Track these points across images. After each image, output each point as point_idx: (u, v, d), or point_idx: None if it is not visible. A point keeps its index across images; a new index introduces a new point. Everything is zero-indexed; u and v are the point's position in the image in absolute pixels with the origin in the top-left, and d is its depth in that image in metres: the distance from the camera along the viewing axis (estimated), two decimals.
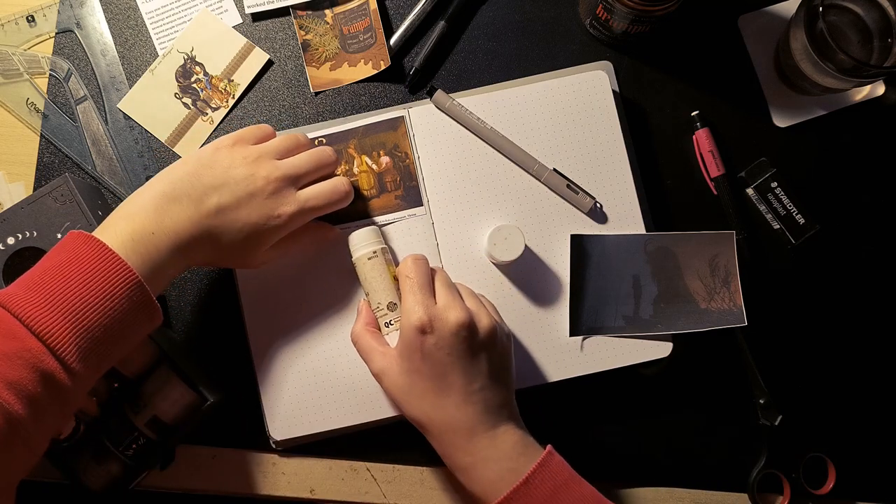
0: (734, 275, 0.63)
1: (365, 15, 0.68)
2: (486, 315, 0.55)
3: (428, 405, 0.53)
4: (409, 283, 0.55)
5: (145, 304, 0.51)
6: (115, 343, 0.50)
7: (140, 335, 0.52)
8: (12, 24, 0.68)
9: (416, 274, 0.56)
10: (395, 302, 0.57)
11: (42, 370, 0.46)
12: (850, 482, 0.65)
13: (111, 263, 0.49)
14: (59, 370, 0.46)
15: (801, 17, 0.61)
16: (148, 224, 0.52)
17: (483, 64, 0.69)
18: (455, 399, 0.53)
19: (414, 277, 0.55)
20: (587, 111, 0.65)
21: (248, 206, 0.55)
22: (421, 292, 0.55)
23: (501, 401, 0.55)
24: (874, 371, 0.66)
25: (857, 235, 0.68)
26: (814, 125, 0.68)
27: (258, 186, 0.55)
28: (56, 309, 0.47)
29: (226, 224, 0.54)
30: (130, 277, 0.49)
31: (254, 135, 0.59)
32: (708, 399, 0.65)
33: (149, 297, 0.50)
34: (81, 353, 0.47)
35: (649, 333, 0.63)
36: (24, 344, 0.46)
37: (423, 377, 0.53)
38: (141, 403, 0.58)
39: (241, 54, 0.68)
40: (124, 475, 0.58)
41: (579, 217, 0.64)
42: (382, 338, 0.58)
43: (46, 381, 0.46)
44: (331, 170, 0.61)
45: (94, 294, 0.48)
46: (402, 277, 0.56)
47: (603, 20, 0.65)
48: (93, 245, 0.49)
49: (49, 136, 0.67)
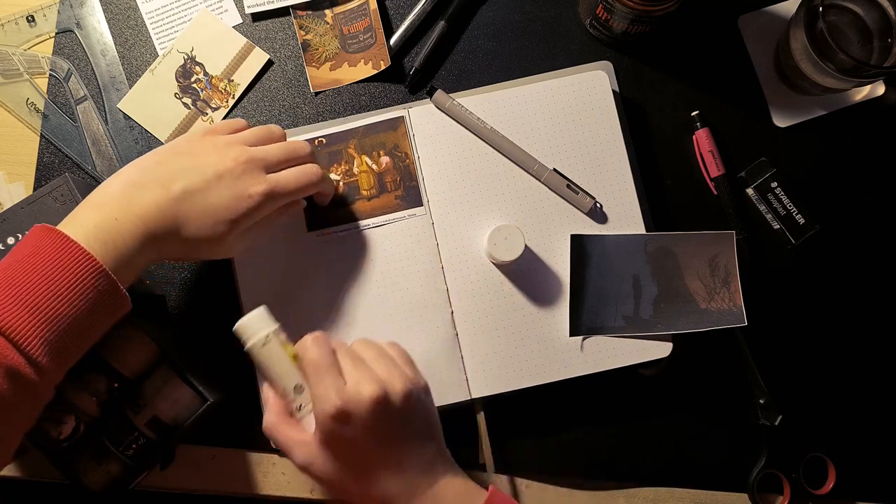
0: (734, 275, 0.63)
1: (365, 15, 0.68)
2: (398, 378, 0.52)
3: (363, 485, 0.52)
4: (313, 368, 0.52)
5: (111, 293, 0.50)
6: (83, 334, 0.49)
7: (108, 324, 0.51)
8: (12, 24, 0.68)
9: (319, 355, 0.52)
10: (301, 384, 0.53)
11: (7, 367, 0.45)
12: (850, 482, 0.65)
13: (73, 253, 0.48)
14: (23, 364, 0.46)
15: (801, 17, 0.61)
16: (113, 211, 0.51)
17: (483, 64, 0.69)
18: (387, 472, 0.51)
19: (318, 359, 0.52)
20: (587, 111, 0.65)
21: (217, 187, 0.54)
22: (328, 375, 0.51)
23: (433, 456, 0.53)
24: (874, 371, 0.66)
25: (857, 235, 0.68)
26: (814, 125, 0.68)
27: (227, 167, 0.54)
28: (18, 303, 0.46)
29: (194, 208, 0.53)
30: (93, 266, 0.48)
31: (228, 127, 0.58)
32: (708, 399, 0.65)
33: (115, 284, 0.50)
34: (47, 346, 0.47)
35: (649, 333, 0.63)
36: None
37: (350, 460, 0.51)
38: (141, 403, 0.58)
39: (241, 54, 0.68)
40: (124, 475, 0.58)
41: (579, 217, 0.64)
42: (298, 426, 0.54)
43: (11, 377, 0.45)
44: (304, 161, 0.59)
45: (57, 285, 0.47)
46: (306, 363, 0.52)
47: (603, 20, 0.65)
48: (54, 237, 0.49)
49: (49, 136, 0.67)
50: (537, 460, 0.64)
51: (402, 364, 0.54)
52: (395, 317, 0.63)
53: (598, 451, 0.65)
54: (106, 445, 0.57)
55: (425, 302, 0.63)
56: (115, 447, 0.57)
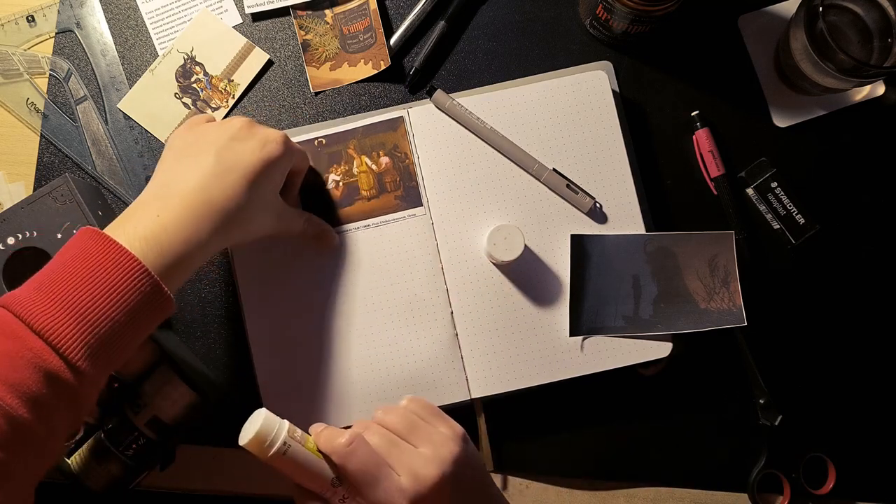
0: (733, 275, 0.63)
1: (365, 15, 0.68)
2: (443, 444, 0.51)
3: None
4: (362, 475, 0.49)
5: (155, 294, 0.49)
6: (126, 338, 0.48)
7: (152, 326, 0.50)
8: (12, 24, 0.68)
9: (363, 459, 0.49)
10: (335, 475, 0.50)
11: (45, 370, 0.44)
12: (850, 482, 0.65)
13: (114, 255, 0.48)
14: (63, 369, 0.45)
15: (801, 17, 0.61)
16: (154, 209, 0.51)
17: (483, 64, 0.69)
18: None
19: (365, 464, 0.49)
20: (587, 111, 0.65)
21: (241, 145, 0.54)
22: (383, 477, 0.49)
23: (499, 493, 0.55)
24: (874, 371, 0.66)
25: (857, 235, 0.67)
26: (814, 125, 0.68)
27: (237, 127, 0.55)
28: (59, 306, 0.46)
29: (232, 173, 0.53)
30: (136, 267, 0.48)
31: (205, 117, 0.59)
32: (708, 399, 0.65)
33: (157, 286, 0.49)
34: (88, 350, 0.46)
35: (649, 333, 0.63)
36: (26, 343, 0.44)
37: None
38: (141, 403, 0.58)
39: (241, 54, 0.68)
40: (124, 475, 0.58)
41: (579, 217, 0.64)
42: None
43: (51, 381, 0.45)
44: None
45: (100, 290, 0.47)
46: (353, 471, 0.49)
47: (603, 20, 0.65)
48: (97, 239, 0.48)
49: (49, 136, 0.67)
50: (537, 460, 0.64)
51: (435, 422, 0.52)
52: (395, 317, 0.63)
53: (598, 451, 0.65)
54: (106, 445, 0.57)
55: (425, 302, 0.63)
56: (115, 447, 0.57)
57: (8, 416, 0.43)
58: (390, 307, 0.63)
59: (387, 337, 0.63)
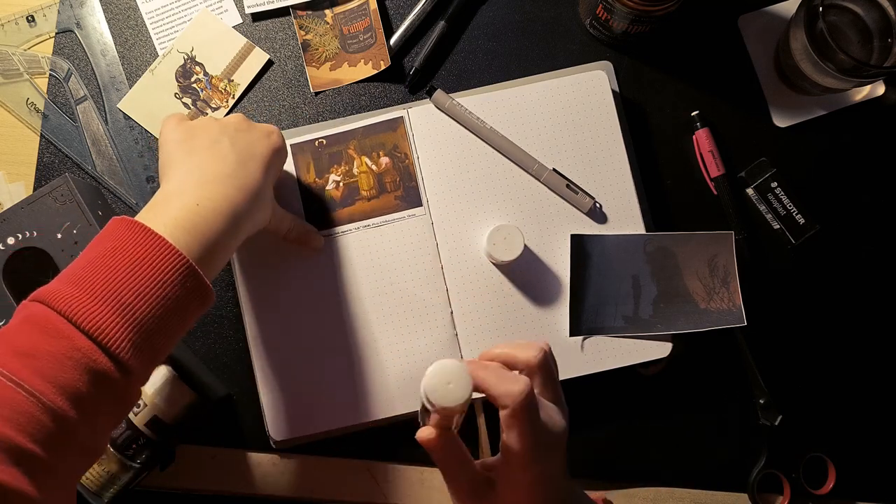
0: (733, 275, 0.63)
1: (365, 15, 0.68)
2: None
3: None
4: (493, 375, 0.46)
5: (198, 287, 0.48)
6: (169, 332, 0.47)
7: (195, 319, 0.50)
8: (12, 24, 0.68)
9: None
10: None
11: (94, 370, 0.43)
12: (850, 482, 0.65)
13: (158, 247, 0.46)
14: (112, 369, 0.44)
15: (801, 17, 0.61)
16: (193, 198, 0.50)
17: (483, 64, 0.69)
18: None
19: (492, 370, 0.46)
20: (587, 111, 0.65)
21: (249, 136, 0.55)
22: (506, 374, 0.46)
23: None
24: (874, 371, 0.66)
25: (857, 235, 0.67)
26: (814, 125, 0.68)
27: (236, 121, 0.56)
28: (104, 303, 0.44)
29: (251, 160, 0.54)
30: (180, 261, 0.47)
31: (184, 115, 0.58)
32: (708, 399, 0.65)
33: (201, 280, 0.48)
34: (135, 348, 0.44)
35: (649, 333, 0.63)
36: (74, 343, 0.43)
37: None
38: (141, 403, 0.58)
39: (241, 54, 0.68)
40: (124, 475, 0.58)
41: (579, 217, 0.64)
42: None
43: (99, 382, 0.43)
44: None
45: (143, 283, 0.45)
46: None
47: (603, 20, 0.65)
48: (137, 230, 0.47)
49: (49, 136, 0.67)
50: None
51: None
52: (394, 317, 0.63)
53: (597, 451, 0.65)
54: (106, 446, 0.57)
55: (425, 302, 0.63)
56: (115, 447, 0.57)
57: (57, 417, 0.42)
58: (390, 307, 0.63)
59: (386, 337, 0.63)
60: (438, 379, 0.42)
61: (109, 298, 0.44)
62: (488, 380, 0.46)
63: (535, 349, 0.49)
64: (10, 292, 0.60)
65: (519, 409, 0.45)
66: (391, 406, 0.62)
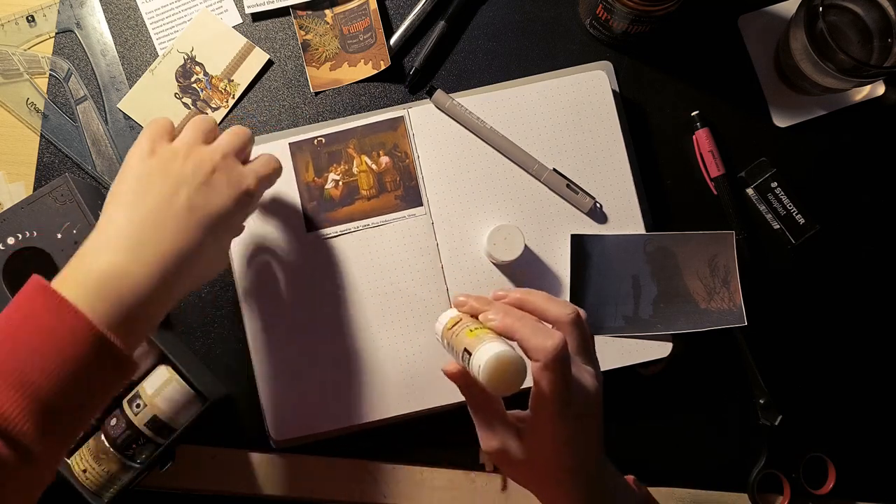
0: (734, 275, 0.63)
1: (365, 15, 0.68)
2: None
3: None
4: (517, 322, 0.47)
5: (113, 359, 0.43)
6: (83, 409, 0.43)
7: (114, 391, 0.46)
8: (12, 24, 0.68)
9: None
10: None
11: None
12: (850, 482, 0.65)
13: (66, 318, 0.42)
14: (12, 457, 0.40)
15: (801, 17, 0.61)
16: (121, 255, 0.46)
17: (483, 64, 0.69)
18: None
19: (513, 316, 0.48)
20: (587, 111, 0.65)
21: (215, 193, 0.50)
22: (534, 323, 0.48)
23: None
24: (874, 371, 0.66)
25: (857, 235, 0.68)
26: (814, 125, 0.68)
27: (207, 171, 0.50)
28: (4, 382, 0.40)
29: (206, 219, 0.49)
30: (90, 333, 0.42)
31: (164, 129, 0.52)
32: (708, 399, 0.65)
33: (117, 352, 0.43)
34: (39, 431, 0.40)
35: (649, 333, 0.63)
36: None
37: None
38: (141, 403, 0.58)
39: (241, 54, 0.68)
40: (124, 475, 0.58)
41: (579, 217, 0.64)
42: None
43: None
44: (251, 146, 0.56)
45: (48, 358, 0.41)
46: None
47: (603, 20, 0.65)
48: (47, 297, 0.43)
49: (49, 136, 0.67)
50: None
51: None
52: (394, 317, 0.63)
53: None
54: (105, 446, 0.57)
55: (425, 302, 0.63)
56: (115, 447, 0.57)
57: None
58: (390, 307, 0.63)
59: (386, 337, 0.63)
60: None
61: (8, 375, 0.41)
62: (522, 331, 0.46)
63: (569, 307, 0.49)
64: (10, 292, 0.60)
65: (551, 362, 0.44)
66: (391, 406, 0.62)
